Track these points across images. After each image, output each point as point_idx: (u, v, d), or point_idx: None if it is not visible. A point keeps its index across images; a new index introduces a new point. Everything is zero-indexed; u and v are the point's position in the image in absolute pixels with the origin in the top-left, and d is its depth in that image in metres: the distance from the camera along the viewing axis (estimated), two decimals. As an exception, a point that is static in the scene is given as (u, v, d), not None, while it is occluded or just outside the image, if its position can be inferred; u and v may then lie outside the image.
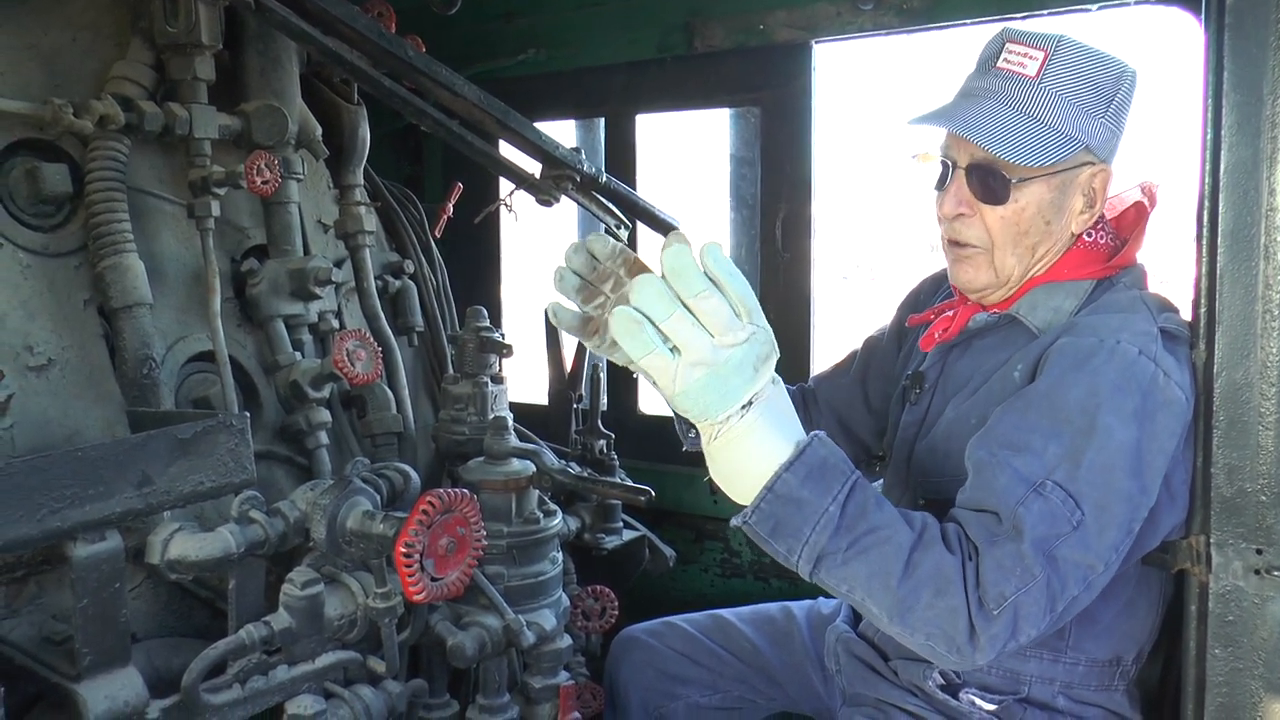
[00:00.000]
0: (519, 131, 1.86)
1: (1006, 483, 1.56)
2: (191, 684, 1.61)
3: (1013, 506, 1.53)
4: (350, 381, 2.06)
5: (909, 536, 1.50)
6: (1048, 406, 1.61)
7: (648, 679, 2.30)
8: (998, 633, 1.48)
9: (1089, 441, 1.56)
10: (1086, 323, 1.71)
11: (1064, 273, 1.81)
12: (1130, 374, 1.60)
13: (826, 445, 1.49)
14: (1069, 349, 1.65)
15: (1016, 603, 1.47)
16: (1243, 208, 1.56)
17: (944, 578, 1.49)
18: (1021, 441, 1.59)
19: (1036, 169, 1.71)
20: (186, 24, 2.00)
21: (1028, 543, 1.49)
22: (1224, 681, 1.62)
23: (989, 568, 1.49)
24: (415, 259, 2.67)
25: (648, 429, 3.25)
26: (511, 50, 3.23)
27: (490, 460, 2.11)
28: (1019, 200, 1.75)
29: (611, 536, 2.48)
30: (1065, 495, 1.54)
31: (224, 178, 2.03)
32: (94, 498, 1.50)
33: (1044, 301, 1.80)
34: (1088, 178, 1.75)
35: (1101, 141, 1.73)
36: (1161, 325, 1.67)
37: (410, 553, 1.65)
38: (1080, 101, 1.71)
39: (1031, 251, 1.79)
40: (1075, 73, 1.71)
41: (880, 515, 1.51)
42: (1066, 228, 1.78)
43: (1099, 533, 1.54)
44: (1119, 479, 1.56)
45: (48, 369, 1.84)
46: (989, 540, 1.52)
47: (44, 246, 1.89)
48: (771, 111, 2.93)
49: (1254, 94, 1.54)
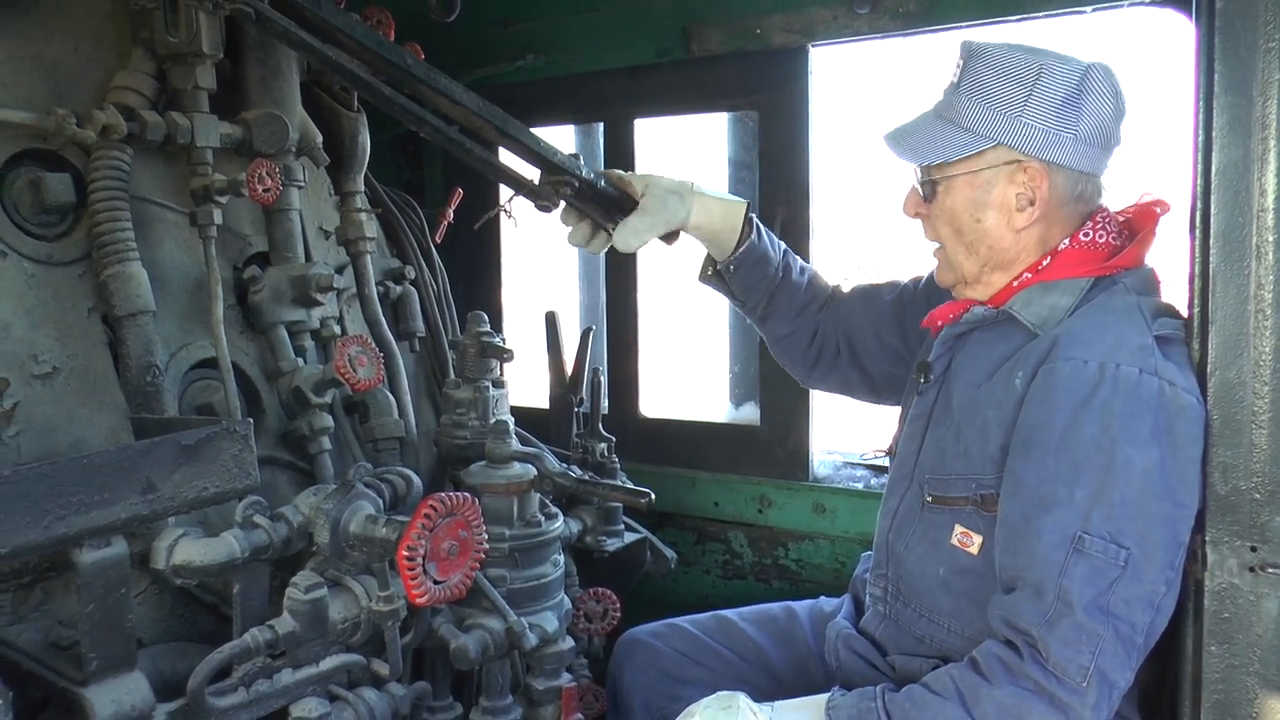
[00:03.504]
0: (517, 138, 1.87)
1: (1045, 550, 1.62)
2: (197, 688, 1.63)
3: (1056, 579, 1.60)
4: (352, 387, 2.08)
5: (956, 709, 1.64)
6: (1065, 451, 1.64)
7: (650, 680, 2.30)
8: (1096, 700, 1.58)
9: (1112, 477, 1.60)
10: (1079, 332, 1.71)
11: (1059, 271, 1.82)
12: (1137, 397, 1.61)
13: (839, 703, 1.74)
14: (1074, 386, 1.65)
15: (1097, 666, 1.58)
16: (1234, 208, 1.57)
17: (1010, 706, 1.61)
18: (1049, 495, 1.64)
19: (958, 168, 1.79)
20: (188, 34, 2.01)
21: (1080, 612, 1.58)
22: (1220, 679, 1.63)
23: (1056, 649, 1.58)
24: (416, 265, 2.68)
25: (649, 432, 3.27)
26: (510, 56, 3.25)
27: (492, 464, 2.13)
28: (946, 199, 1.83)
29: (613, 539, 2.48)
30: (1105, 541, 1.59)
31: (226, 186, 2.05)
32: (99, 504, 1.52)
33: (1039, 299, 1.81)
34: (1013, 173, 1.77)
35: (1028, 138, 1.73)
36: (1156, 333, 1.68)
37: (413, 556, 1.66)
38: (991, 100, 1.74)
39: (975, 250, 1.84)
40: (988, 74, 1.75)
41: (923, 710, 1.66)
42: (1008, 225, 1.80)
43: (1148, 562, 1.59)
44: (1152, 505, 1.60)
45: (52, 377, 1.85)
46: (1045, 623, 1.60)
47: (48, 256, 1.90)
48: (769, 115, 2.95)
49: (1244, 95, 1.55)
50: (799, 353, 2.32)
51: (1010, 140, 1.74)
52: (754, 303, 2.26)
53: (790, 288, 2.25)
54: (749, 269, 2.20)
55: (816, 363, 2.32)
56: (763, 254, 2.20)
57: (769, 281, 2.22)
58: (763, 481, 3.05)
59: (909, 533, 1.97)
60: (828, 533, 2.95)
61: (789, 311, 2.26)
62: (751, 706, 1.79)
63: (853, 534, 2.88)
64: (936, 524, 1.89)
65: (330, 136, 2.44)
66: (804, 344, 2.30)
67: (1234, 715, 1.62)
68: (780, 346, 2.35)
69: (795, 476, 3.01)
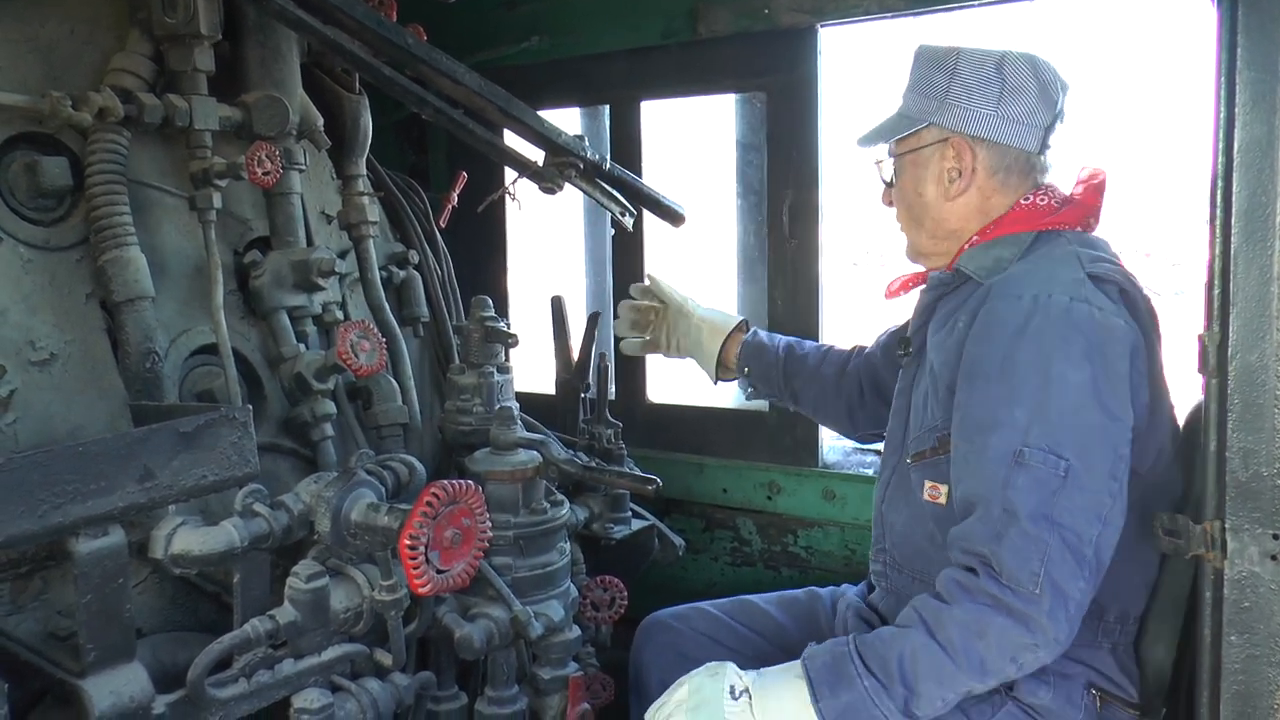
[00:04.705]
0: (521, 119, 1.84)
1: (989, 467, 1.71)
2: (197, 678, 1.61)
3: (1000, 492, 1.68)
4: (354, 373, 2.05)
5: (922, 635, 1.70)
6: (1004, 377, 1.75)
7: (669, 661, 2.29)
8: (1051, 606, 1.63)
9: (1048, 394, 1.70)
10: (1015, 274, 1.85)
11: (1003, 229, 1.96)
12: (1068, 321, 1.73)
13: (814, 653, 1.79)
14: (1008, 317, 1.77)
15: (1048, 574, 1.63)
16: (1257, 186, 1.52)
17: (970, 622, 1.67)
18: (990, 418, 1.74)
19: (904, 150, 2.01)
20: (185, 15, 1.98)
21: (1025, 520, 1.65)
22: (1240, 669, 1.59)
23: (1007, 559, 1.65)
24: (420, 249, 2.65)
25: (656, 418, 3.24)
26: (514, 38, 3.21)
27: (496, 451, 2.10)
28: (899, 181, 2.05)
29: (620, 526, 2.45)
30: (1044, 452, 1.68)
31: (225, 169, 2.02)
32: (95, 493, 1.50)
33: (984, 253, 1.95)
34: (944, 149, 1.96)
35: (952, 117, 1.93)
36: (1089, 271, 1.81)
37: (415, 545, 1.63)
38: (924, 89, 1.97)
39: (921, 222, 2.03)
40: (922, 68, 1.98)
41: (891, 645, 1.72)
42: (945, 196, 1.98)
43: (1088, 471, 1.67)
44: (1088, 415, 1.70)
45: (50, 364, 1.83)
46: (994, 538, 1.67)
47: (45, 241, 1.88)
48: (777, 97, 2.90)
49: (1268, 70, 1.50)
50: (838, 414, 2.48)
51: (938, 120, 1.94)
52: (776, 387, 2.47)
53: (797, 360, 2.46)
54: (754, 357, 2.46)
55: (850, 413, 2.45)
56: (757, 344, 2.47)
57: (776, 365, 2.45)
58: (772, 467, 3.02)
59: (897, 500, 2.06)
60: (837, 519, 2.91)
61: (811, 379, 2.45)
62: (737, 672, 1.83)
63: (863, 520, 2.84)
64: (914, 484, 1.98)
65: (332, 119, 2.40)
66: (840, 408, 2.46)
67: (1254, 706, 1.58)
68: (820, 415, 2.55)
69: (805, 462, 2.98)
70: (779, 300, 2.99)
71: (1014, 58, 1.91)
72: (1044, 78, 1.91)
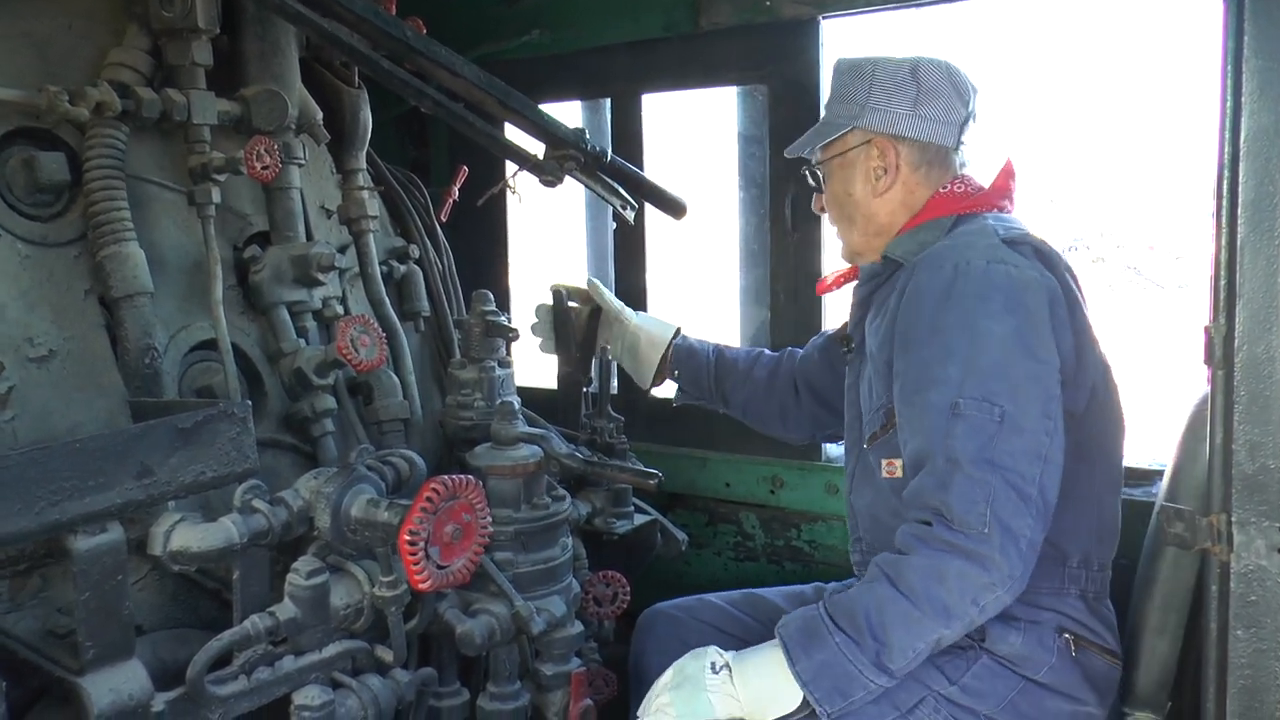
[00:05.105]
0: (520, 111, 1.82)
1: (930, 423, 1.81)
2: (196, 676, 1.60)
3: (942, 443, 1.77)
4: (354, 368, 2.04)
5: (884, 586, 1.77)
6: (933, 339, 1.85)
7: (673, 650, 2.28)
8: (1002, 543, 1.70)
9: (976, 348, 1.80)
10: (937, 249, 1.96)
11: (925, 216, 2.07)
12: (986, 280, 1.84)
13: (788, 620, 1.86)
14: (933, 286, 1.88)
15: (993, 514, 1.71)
16: (1264, 176, 1.51)
17: (929, 568, 1.74)
18: (925, 378, 1.84)
19: (830, 155, 2.13)
20: (182, 9, 1.97)
21: (968, 465, 1.73)
22: (1247, 664, 1.58)
23: (955, 505, 1.73)
24: (420, 243, 2.63)
25: (659, 411, 3.22)
26: (515, 32, 3.19)
27: (497, 446, 2.09)
28: (828, 186, 2.16)
29: (623, 521, 2.44)
30: (979, 401, 1.77)
31: (224, 164, 2.00)
32: (93, 489, 1.49)
33: (909, 239, 2.05)
34: (868, 149, 2.07)
35: (873, 119, 2.05)
36: (1003, 237, 1.93)
37: (415, 540, 1.63)
38: (845, 97, 2.09)
39: (853, 220, 2.13)
40: (843, 79, 2.11)
41: (857, 600, 1.79)
42: (872, 193, 2.09)
43: (1023, 414, 1.77)
44: (1016, 362, 1.80)
45: (49, 360, 1.82)
46: (941, 486, 1.76)
47: (43, 236, 1.86)
48: (779, 89, 2.88)
49: (1275, 58, 1.48)
50: (769, 416, 2.56)
51: (861, 123, 2.07)
52: (706, 390, 2.57)
53: (728, 364, 2.55)
54: (685, 361, 2.56)
55: (782, 414, 2.54)
56: (688, 349, 2.56)
57: (707, 368, 2.55)
58: (774, 462, 3.00)
59: (862, 487, 2.13)
60: (840, 514, 2.89)
61: (742, 382, 2.54)
62: (719, 651, 1.91)
63: (866, 515, 2.83)
64: (873, 465, 2.06)
65: (331, 113, 2.38)
66: (771, 409, 2.56)
67: (1261, 702, 1.57)
68: (749, 417, 2.60)
69: (808, 456, 2.97)
70: (781, 293, 2.98)
71: (927, 63, 2.04)
72: (956, 80, 2.05)
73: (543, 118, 1.86)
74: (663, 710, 1.87)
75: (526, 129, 1.89)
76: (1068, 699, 1.93)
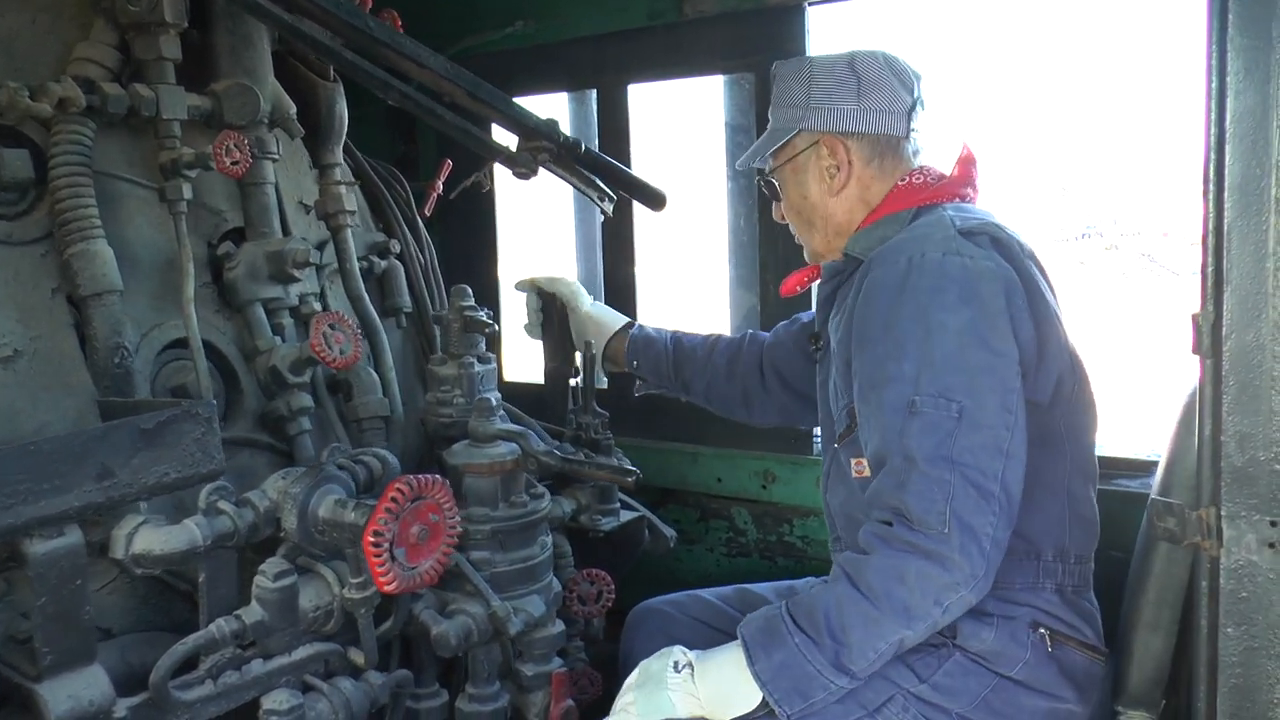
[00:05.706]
0: (489, 103, 1.78)
1: (887, 422, 1.76)
2: (160, 680, 1.57)
3: (899, 441, 1.73)
4: (328, 365, 2.01)
5: (844, 586, 1.74)
6: (888, 335, 1.80)
7: (662, 645, 2.26)
8: (962, 542, 1.66)
9: (931, 343, 1.75)
10: (892, 244, 1.90)
11: (884, 211, 2.03)
12: (941, 273, 1.79)
13: (750, 619, 1.83)
14: (887, 280, 1.83)
15: (953, 512, 1.66)
16: (1251, 159, 1.46)
17: (889, 568, 1.70)
18: (881, 375, 1.79)
19: (780, 163, 2.09)
20: (149, 3, 1.93)
21: (924, 464, 1.69)
22: (1238, 662, 1.54)
23: (913, 504, 1.69)
24: (401, 238, 2.59)
25: (649, 406, 3.17)
26: (498, 23, 3.15)
27: (475, 443, 2.05)
28: (785, 193, 2.12)
29: (608, 518, 2.40)
30: (935, 398, 1.72)
31: (194, 159, 1.97)
32: (49, 492, 1.45)
33: (868, 234, 2.01)
34: (818, 150, 2.04)
35: (818, 119, 2.01)
36: (959, 228, 1.87)
37: (379, 542, 1.59)
38: (786, 101, 2.06)
39: (813, 222, 2.10)
40: (782, 84, 2.08)
41: (817, 600, 1.76)
42: (829, 193, 2.06)
43: (981, 409, 1.72)
44: (972, 356, 1.74)
45: (15, 360, 1.78)
46: (899, 486, 1.71)
47: (7, 235, 1.83)
48: (766, 78, 2.82)
49: (1262, 37, 1.43)
50: (732, 401, 2.51)
51: (806, 125, 2.03)
52: (666, 378, 2.53)
53: (686, 351, 2.51)
54: (642, 351, 2.51)
55: (746, 400, 2.49)
56: (645, 338, 2.52)
57: (665, 356, 2.51)
58: (766, 456, 2.97)
59: (835, 486, 2.09)
60: (834, 509, 2.86)
61: (702, 369, 2.50)
62: (684, 650, 1.90)
63: (859, 510, 2.79)
64: (844, 464, 2.02)
65: (306, 107, 2.34)
66: (733, 395, 2.50)
67: (1253, 701, 1.52)
68: (713, 403, 2.55)
69: (799, 451, 2.93)
70: (770, 282, 2.94)
71: (863, 55, 2.01)
72: (896, 68, 2.01)
73: (513, 109, 1.81)
74: (625, 709, 1.85)
75: (497, 120, 1.85)
76: (1044, 696, 1.88)
